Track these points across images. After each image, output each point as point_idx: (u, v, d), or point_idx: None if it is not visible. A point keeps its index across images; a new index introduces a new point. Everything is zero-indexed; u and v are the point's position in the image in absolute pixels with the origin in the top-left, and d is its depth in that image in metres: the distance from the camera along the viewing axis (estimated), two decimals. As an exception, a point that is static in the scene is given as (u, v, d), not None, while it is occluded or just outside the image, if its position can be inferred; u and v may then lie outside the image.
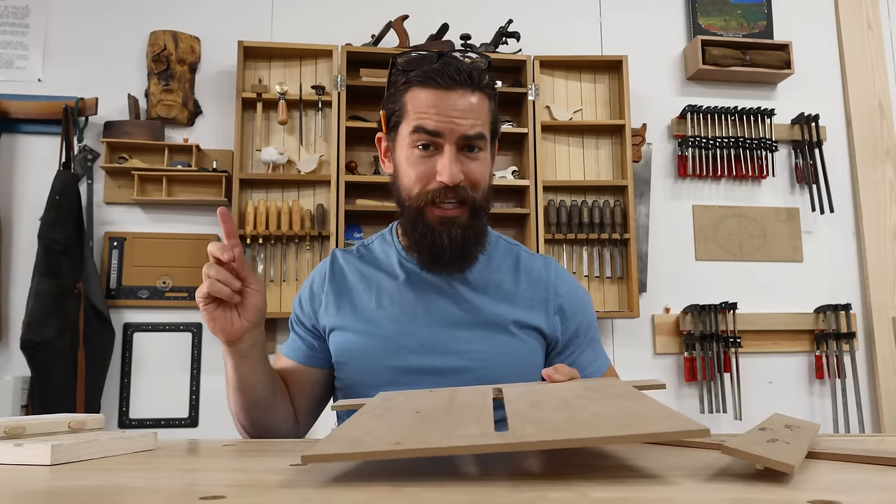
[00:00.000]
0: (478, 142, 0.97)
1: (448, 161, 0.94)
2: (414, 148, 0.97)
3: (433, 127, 0.94)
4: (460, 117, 0.95)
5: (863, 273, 2.97)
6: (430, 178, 0.96)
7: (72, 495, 0.45)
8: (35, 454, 0.58)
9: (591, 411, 0.56)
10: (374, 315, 1.03)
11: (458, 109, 0.95)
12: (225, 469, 0.56)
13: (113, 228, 2.63)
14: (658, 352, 2.83)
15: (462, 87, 0.96)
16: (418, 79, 0.97)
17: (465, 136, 0.95)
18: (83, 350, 2.42)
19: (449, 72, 0.95)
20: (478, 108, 0.97)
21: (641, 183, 2.89)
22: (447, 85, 0.95)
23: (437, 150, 0.96)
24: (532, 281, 1.06)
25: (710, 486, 0.44)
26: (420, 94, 0.96)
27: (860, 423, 2.79)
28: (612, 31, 3.01)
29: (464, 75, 0.96)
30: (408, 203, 0.99)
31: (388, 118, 1.02)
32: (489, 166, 1.02)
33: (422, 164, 0.96)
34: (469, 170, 0.97)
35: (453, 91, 0.95)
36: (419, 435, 0.50)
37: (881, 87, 3.09)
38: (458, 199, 0.97)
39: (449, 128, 0.94)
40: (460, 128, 0.95)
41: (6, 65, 2.68)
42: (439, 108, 0.95)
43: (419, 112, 0.96)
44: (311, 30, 2.81)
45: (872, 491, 0.42)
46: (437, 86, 0.95)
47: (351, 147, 2.70)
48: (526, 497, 0.41)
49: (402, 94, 0.99)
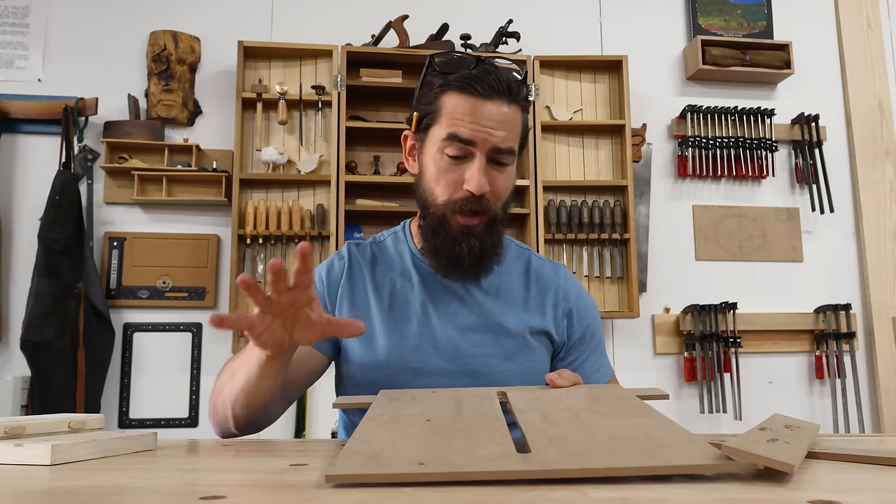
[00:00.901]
0: (507, 156, 0.96)
1: (477, 171, 0.93)
2: (444, 154, 0.96)
3: (467, 136, 0.93)
4: (494, 128, 0.94)
5: (863, 273, 2.97)
6: (457, 187, 0.95)
7: (72, 495, 0.45)
8: (35, 454, 0.58)
9: (608, 432, 0.57)
10: (388, 315, 1.02)
11: (494, 120, 0.94)
12: (225, 469, 0.56)
13: (113, 228, 2.63)
14: (658, 352, 2.83)
15: (499, 98, 0.94)
16: (456, 83, 0.95)
17: (497, 149, 0.94)
18: (83, 350, 2.42)
19: (489, 80, 0.94)
20: (512, 120, 0.96)
21: (641, 183, 2.89)
22: (485, 94, 0.94)
23: (466, 158, 0.95)
24: (542, 286, 1.07)
25: (710, 486, 0.44)
26: (456, 100, 0.95)
27: (860, 423, 2.79)
28: (612, 31, 3.01)
29: (503, 86, 0.94)
30: (432, 209, 0.98)
31: (420, 119, 1.00)
32: (514, 179, 1.02)
33: (451, 171, 0.96)
34: (495, 182, 0.96)
35: (490, 101, 0.94)
36: (441, 455, 0.50)
37: (881, 87, 3.09)
38: (481, 210, 0.96)
39: (482, 138, 0.93)
40: (493, 139, 0.94)
41: (6, 65, 2.68)
42: (475, 117, 0.93)
43: (454, 118, 0.94)
44: (311, 30, 2.81)
45: (872, 491, 0.42)
46: (474, 93, 0.94)
47: (351, 147, 2.69)
48: (526, 497, 0.41)
49: (438, 96, 0.97)
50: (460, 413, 0.68)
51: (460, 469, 0.47)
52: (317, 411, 2.62)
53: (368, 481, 0.46)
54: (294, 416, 2.58)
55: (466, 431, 0.59)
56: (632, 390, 0.80)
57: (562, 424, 0.61)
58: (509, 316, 1.03)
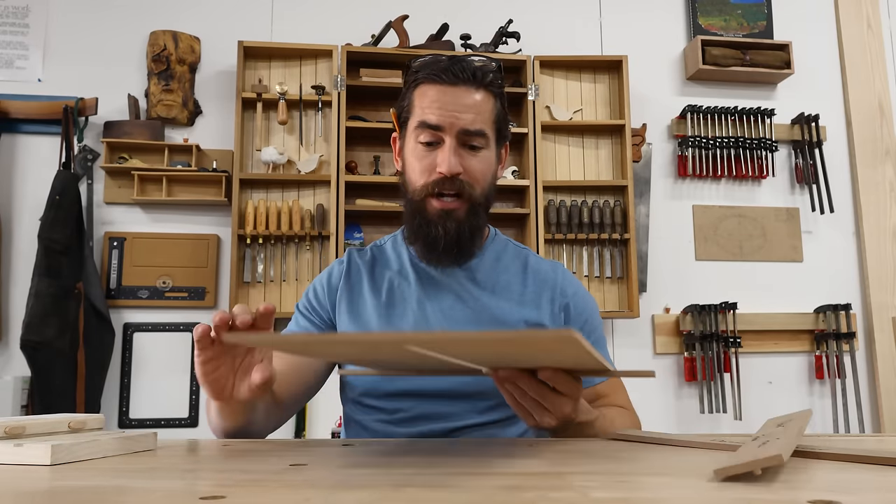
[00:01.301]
0: (478, 138, 1.00)
1: (447, 152, 0.98)
2: (418, 143, 1.00)
3: (435, 121, 0.98)
4: (461, 112, 0.98)
5: (863, 273, 2.97)
6: (431, 171, 0.99)
7: (72, 495, 0.45)
8: (35, 454, 0.58)
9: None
10: (385, 312, 1.05)
11: (460, 104, 0.98)
12: (225, 469, 0.56)
13: (113, 228, 2.63)
14: (658, 352, 2.83)
15: (465, 84, 0.99)
16: (424, 75, 1.01)
17: (465, 131, 0.98)
18: (83, 350, 2.42)
19: (454, 69, 0.99)
20: (480, 105, 1.00)
21: (641, 183, 2.89)
22: (451, 81, 0.99)
23: (439, 144, 0.99)
24: (539, 282, 1.08)
25: (710, 486, 0.44)
26: (426, 90, 1.00)
27: (860, 423, 2.79)
28: (612, 31, 3.01)
29: (468, 73, 0.99)
30: (411, 195, 1.02)
31: (398, 116, 1.06)
32: (492, 165, 1.04)
33: (425, 157, 1.00)
34: (469, 165, 1.00)
35: (456, 87, 0.99)
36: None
37: (881, 87, 3.09)
38: (457, 192, 0.99)
39: (449, 122, 0.98)
40: (460, 122, 0.98)
41: (6, 65, 2.68)
42: (442, 103, 0.98)
43: (423, 107, 0.99)
44: (311, 30, 2.81)
45: (872, 491, 0.42)
46: (441, 82, 0.99)
47: (351, 147, 2.69)
48: (526, 497, 0.41)
49: (411, 91, 1.03)
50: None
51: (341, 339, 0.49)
52: (317, 411, 2.62)
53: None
54: (294, 416, 2.58)
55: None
56: (619, 372, 0.80)
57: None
58: (505, 310, 1.04)
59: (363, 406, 1.04)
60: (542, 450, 0.67)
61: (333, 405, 1.14)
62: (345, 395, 1.10)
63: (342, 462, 0.59)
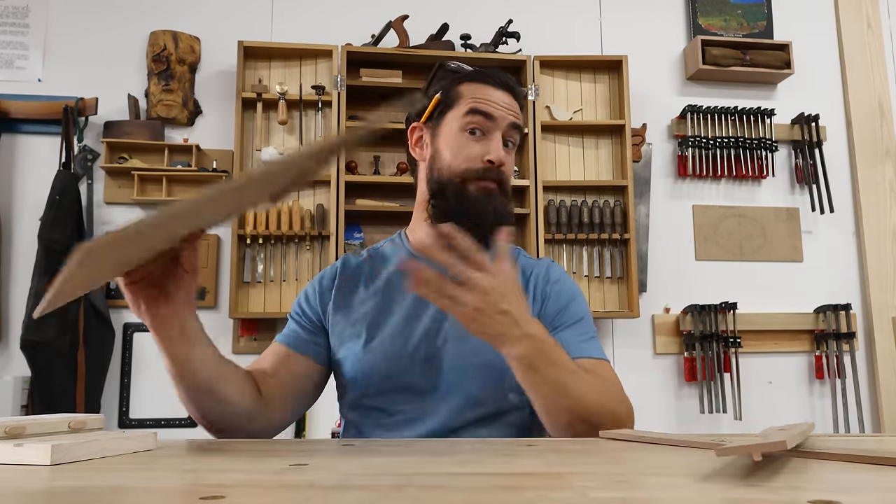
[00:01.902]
0: (515, 136, 1.08)
1: (499, 143, 1.05)
2: (464, 131, 1.05)
3: (487, 110, 1.04)
4: (508, 109, 1.06)
5: (863, 273, 2.97)
6: (477, 158, 1.04)
7: (72, 495, 0.45)
8: (35, 454, 0.58)
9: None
10: (381, 311, 1.06)
11: (506, 104, 1.07)
12: (225, 469, 0.56)
13: (113, 228, 2.63)
14: (658, 352, 2.83)
15: (507, 90, 1.08)
16: (472, 74, 1.09)
17: (512, 125, 1.06)
18: (83, 350, 2.42)
19: (498, 75, 1.09)
20: (517, 109, 1.10)
21: (641, 183, 2.89)
22: (499, 84, 1.08)
23: (484, 135, 1.05)
24: (526, 276, 1.10)
25: (710, 486, 0.44)
26: (475, 86, 1.07)
27: (860, 423, 2.79)
28: (612, 31, 3.01)
29: (511, 81, 1.09)
30: (449, 178, 1.05)
31: (437, 104, 1.09)
32: (513, 167, 1.14)
33: (471, 146, 1.05)
34: (507, 161, 1.07)
35: (503, 91, 1.08)
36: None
37: (881, 87, 3.10)
38: (498, 180, 1.05)
39: (501, 115, 1.05)
40: (509, 117, 1.06)
41: (6, 65, 2.68)
42: (494, 99, 1.06)
43: (476, 97, 1.05)
44: (311, 30, 2.81)
45: (872, 491, 0.42)
46: (489, 82, 1.07)
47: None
48: (526, 497, 0.41)
49: (454, 85, 1.08)
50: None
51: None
52: (317, 411, 2.62)
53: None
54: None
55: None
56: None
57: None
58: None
59: (361, 406, 1.04)
60: (542, 450, 0.67)
61: (333, 405, 1.14)
62: (342, 397, 1.10)
63: (342, 462, 0.59)
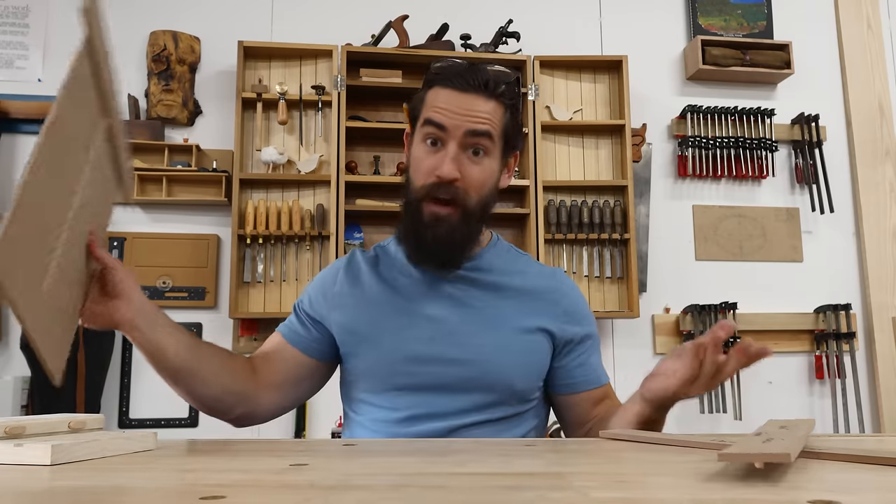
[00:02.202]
0: (482, 141, 0.99)
1: (446, 157, 0.98)
2: (423, 142, 1.01)
3: (440, 120, 0.98)
4: (467, 116, 0.98)
5: (863, 273, 2.97)
6: (430, 173, 0.99)
7: (72, 495, 0.45)
8: (35, 454, 0.58)
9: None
10: (386, 308, 1.06)
11: (468, 109, 0.99)
12: (225, 469, 0.56)
13: (113, 228, 2.63)
14: (658, 352, 2.83)
15: (476, 92, 1.00)
16: (439, 78, 1.03)
17: (470, 132, 0.98)
18: (83, 350, 2.42)
19: (467, 76, 1.00)
20: (489, 113, 1.00)
21: (641, 183, 2.89)
22: (461, 87, 1.00)
23: (443, 146, 0.99)
24: (540, 288, 1.09)
25: (710, 486, 0.44)
26: (437, 92, 1.02)
27: (860, 423, 2.79)
28: (612, 31, 3.01)
29: (480, 81, 1.00)
30: (409, 196, 1.03)
31: (409, 113, 1.07)
32: (493, 174, 1.03)
33: (428, 158, 1.00)
34: (468, 172, 0.99)
35: (466, 93, 0.99)
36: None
37: (881, 87, 3.09)
38: (451, 198, 0.99)
39: (454, 124, 0.98)
40: (465, 124, 0.98)
41: (6, 65, 2.68)
42: (451, 106, 0.99)
43: (433, 107, 1.00)
44: (311, 30, 2.81)
45: (872, 491, 0.42)
46: (453, 86, 1.00)
47: (351, 147, 2.69)
48: (526, 497, 0.41)
49: (425, 91, 1.04)
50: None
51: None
52: (317, 411, 2.62)
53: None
54: (294, 416, 2.58)
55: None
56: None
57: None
58: (506, 312, 1.05)
59: (365, 404, 1.05)
60: (542, 450, 0.67)
61: (333, 405, 1.15)
62: (345, 394, 1.11)
63: (342, 462, 0.59)
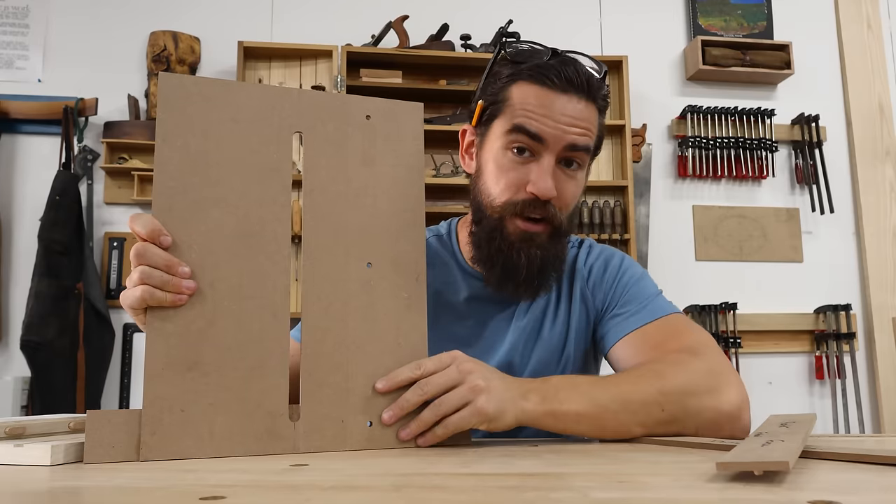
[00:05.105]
0: (579, 155, 0.86)
1: (544, 172, 0.83)
2: (508, 150, 0.85)
3: (536, 129, 0.83)
4: (569, 125, 0.83)
5: (863, 273, 2.97)
6: (519, 188, 0.85)
7: (71, 495, 0.45)
8: (35, 454, 0.58)
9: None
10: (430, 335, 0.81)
11: (569, 116, 0.83)
12: (225, 469, 0.56)
13: (113, 229, 2.63)
14: (658, 352, 2.83)
15: (577, 93, 0.84)
16: (529, 72, 0.85)
17: (571, 146, 0.84)
18: (83, 350, 2.42)
19: (566, 72, 0.83)
20: (589, 121, 0.85)
21: (641, 183, 2.89)
22: (561, 87, 0.83)
23: (533, 156, 0.85)
24: (571, 279, 0.98)
25: (710, 487, 0.44)
26: (527, 90, 0.84)
27: (860, 423, 2.79)
28: (612, 32, 3.01)
29: (582, 79, 0.84)
30: (489, 212, 0.88)
31: (483, 109, 0.90)
32: (582, 187, 0.90)
33: (514, 170, 0.85)
34: (563, 187, 0.85)
35: (566, 95, 0.84)
36: None
37: (881, 88, 3.10)
38: (545, 217, 0.86)
39: (554, 135, 0.83)
40: (567, 137, 0.83)
41: (6, 65, 2.69)
42: (547, 111, 0.83)
43: (524, 110, 0.84)
44: (311, 30, 2.81)
45: (872, 491, 0.42)
46: (549, 85, 0.83)
47: (351, 147, 2.69)
48: (526, 497, 0.41)
49: (506, 86, 0.87)
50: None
51: None
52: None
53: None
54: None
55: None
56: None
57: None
58: (554, 337, 0.96)
59: None
60: (542, 450, 0.67)
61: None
62: None
63: (342, 462, 0.59)
